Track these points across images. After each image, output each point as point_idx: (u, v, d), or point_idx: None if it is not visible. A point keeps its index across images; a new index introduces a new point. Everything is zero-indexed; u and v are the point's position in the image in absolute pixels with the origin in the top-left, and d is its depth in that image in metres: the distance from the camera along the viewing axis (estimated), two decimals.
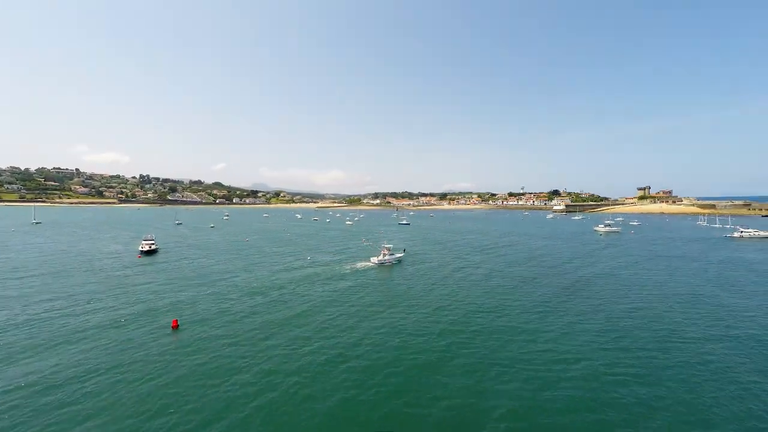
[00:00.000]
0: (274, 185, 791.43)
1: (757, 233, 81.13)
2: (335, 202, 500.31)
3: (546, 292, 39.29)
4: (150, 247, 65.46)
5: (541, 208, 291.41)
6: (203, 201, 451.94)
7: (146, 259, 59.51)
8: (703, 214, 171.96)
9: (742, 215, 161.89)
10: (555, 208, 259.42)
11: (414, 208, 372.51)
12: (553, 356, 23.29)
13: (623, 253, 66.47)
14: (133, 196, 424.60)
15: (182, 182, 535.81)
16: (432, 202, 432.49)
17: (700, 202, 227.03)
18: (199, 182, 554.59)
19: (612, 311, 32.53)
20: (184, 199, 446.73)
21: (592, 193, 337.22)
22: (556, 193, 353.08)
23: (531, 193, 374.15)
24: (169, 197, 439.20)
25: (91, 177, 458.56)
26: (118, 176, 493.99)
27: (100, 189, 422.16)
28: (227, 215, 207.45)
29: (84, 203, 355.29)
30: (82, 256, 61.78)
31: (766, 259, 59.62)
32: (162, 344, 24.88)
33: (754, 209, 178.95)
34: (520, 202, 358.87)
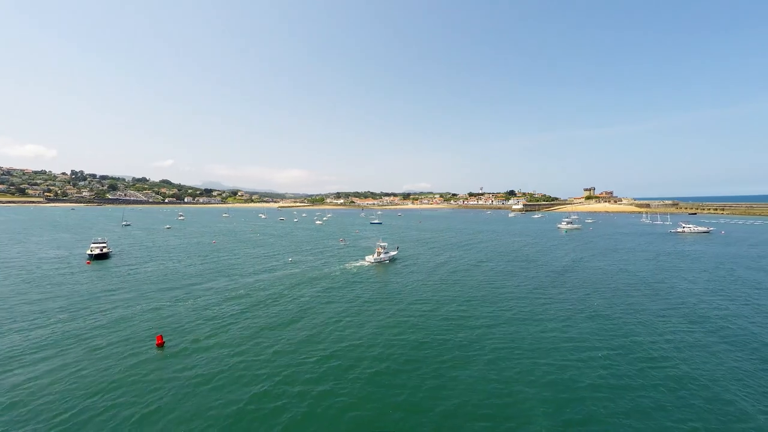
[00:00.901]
0: (228, 183, 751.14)
1: (696, 228, 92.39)
2: (297, 202, 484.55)
3: (537, 284, 40.41)
4: (101, 250, 57.41)
5: (500, 208, 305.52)
6: (150, 200, 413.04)
7: (97, 265, 52.05)
8: (641, 212, 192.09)
9: (672, 213, 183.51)
10: (514, 207, 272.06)
11: (379, 207, 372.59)
12: (573, 344, 23.59)
13: (589, 247, 71.25)
14: (65, 194, 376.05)
15: (124, 179, 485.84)
16: (396, 201, 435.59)
17: (637, 201, 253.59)
18: (143, 180, 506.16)
19: (601, 300, 34.14)
20: (127, 197, 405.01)
21: (543, 193, 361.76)
22: (512, 194, 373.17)
23: (490, 193, 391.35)
24: (108, 196, 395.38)
25: (8, 172, 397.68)
26: (44, 172, 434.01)
27: (22, 186, 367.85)
28: (182, 215, 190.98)
29: (1, 203, 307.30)
30: (16, 262, 52.48)
31: (707, 250, 67.32)
32: (150, 362, 21.25)
33: (681, 208, 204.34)
34: (480, 202, 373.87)
